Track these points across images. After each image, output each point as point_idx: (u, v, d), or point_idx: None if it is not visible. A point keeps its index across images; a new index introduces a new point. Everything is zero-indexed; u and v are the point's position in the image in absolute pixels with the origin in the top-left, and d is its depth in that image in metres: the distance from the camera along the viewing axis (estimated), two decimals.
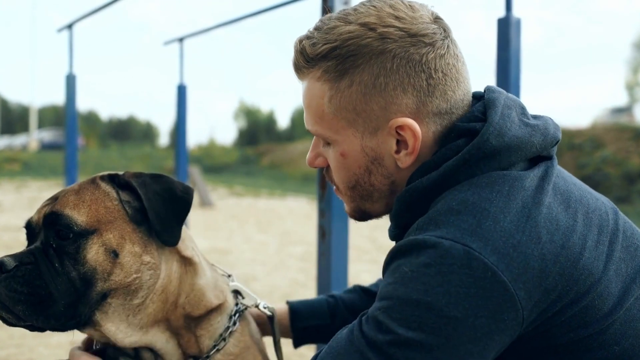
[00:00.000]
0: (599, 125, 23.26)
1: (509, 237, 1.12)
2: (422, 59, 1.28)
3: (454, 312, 1.07)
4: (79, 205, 1.49)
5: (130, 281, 1.48)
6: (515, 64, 3.04)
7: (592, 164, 18.62)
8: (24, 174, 28.16)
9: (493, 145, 1.24)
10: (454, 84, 1.32)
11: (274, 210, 16.08)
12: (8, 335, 4.77)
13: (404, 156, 1.32)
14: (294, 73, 1.43)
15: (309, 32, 1.37)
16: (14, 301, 1.41)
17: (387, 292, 1.16)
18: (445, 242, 1.11)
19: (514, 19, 3.05)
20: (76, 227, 1.45)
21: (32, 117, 51.74)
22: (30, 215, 1.57)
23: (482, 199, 1.17)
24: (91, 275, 1.45)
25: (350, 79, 1.30)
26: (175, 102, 7.46)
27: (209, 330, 1.63)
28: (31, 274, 1.43)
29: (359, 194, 1.41)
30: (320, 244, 3.10)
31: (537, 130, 1.30)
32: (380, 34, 1.28)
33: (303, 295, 6.28)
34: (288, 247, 9.92)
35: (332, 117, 1.34)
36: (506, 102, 1.33)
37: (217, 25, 6.28)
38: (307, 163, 1.50)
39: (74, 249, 1.45)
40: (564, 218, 1.20)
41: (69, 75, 6.61)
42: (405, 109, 1.29)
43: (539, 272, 1.12)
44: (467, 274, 1.08)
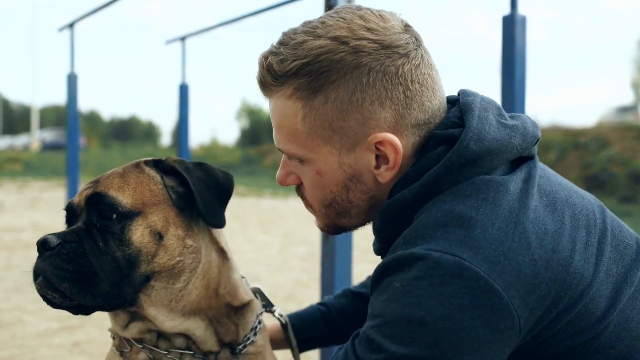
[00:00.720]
0: (605, 124, 23.22)
1: (499, 245, 1.10)
2: (398, 71, 1.25)
3: (448, 324, 1.05)
4: (123, 188, 1.52)
5: (173, 264, 1.52)
6: (520, 63, 3.03)
7: (597, 163, 18.57)
8: (26, 174, 28.20)
9: (473, 151, 1.21)
10: (430, 94, 1.29)
11: (277, 211, 16.08)
12: (10, 335, 4.78)
13: (385, 171, 1.29)
14: (259, 90, 1.37)
15: (273, 48, 1.31)
16: (60, 278, 1.43)
17: (379, 309, 1.14)
18: (434, 254, 1.09)
19: (519, 16, 3.04)
20: (121, 207, 1.49)
21: (34, 117, 51.82)
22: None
23: (468, 208, 1.15)
24: (135, 256, 1.48)
25: (325, 95, 1.26)
26: (177, 102, 7.47)
27: (244, 322, 1.67)
28: (75, 252, 1.45)
29: (335, 211, 1.38)
30: (324, 245, 3.10)
31: (516, 131, 1.28)
32: (353, 47, 1.24)
33: (306, 296, 6.28)
34: (291, 247, 9.92)
35: (307, 135, 1.30)
36: (482, 105, 1.31)
37: (219, 25, 6.29)
38: (278, 182, 1.45)
39: (118, 229, 1.48)
40: (551, 221, 1.18)
41: (70, 74, 6.62)
42: (383, 123, 1.26)
43: (532, 279, 1.10)
44: (460, 285, 1.06)
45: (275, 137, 1.37)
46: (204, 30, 6.86)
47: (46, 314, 5.39)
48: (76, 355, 4.38)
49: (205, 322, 1.60)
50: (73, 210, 1.56)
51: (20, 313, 5.43)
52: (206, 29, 6.78)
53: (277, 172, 1.44)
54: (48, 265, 1.43)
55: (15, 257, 8.32)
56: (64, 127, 8.58)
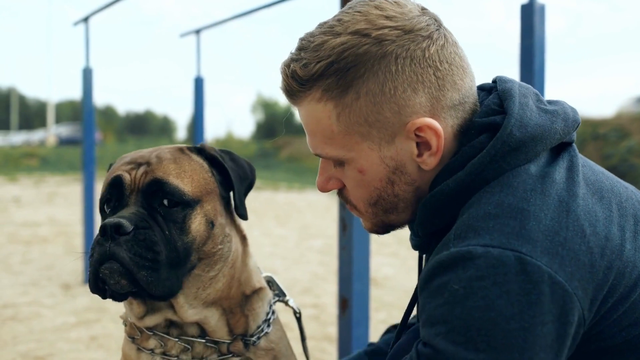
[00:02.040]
0: (624, 115, 22.98)
1: (555, 235, 1.08)
2: (424, 54, 1.23)
3: (520, 323, 1.03)
4: (181, 175, 1.51)
5: (215, 251, 1.54)
6: (539, 52, 2.99)
7: (617, 154, 18.41)
8: (42, 169, 28.39)
9: (517, 137, 1.19)
10: (461, 72, 1.28)
11: (293, 204, 16.09)
12: (28, 330, 4.81)
13: (428, 157, 1.27)
14: (286, 99, 1.35)
15: (293, 55, 1.30)
16: (138, 266, 1.40)
17: (441, 314, 1.09)
18: (493, 251, 1.06)
19: (538, 5, 3.00)
20: (185, 196, 1.48)
21: (50, 112, 52.17)
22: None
23: (518, 199, 1.13)
24: (190, 244, 1.48)
25: (356, 91, 1.24)
26: (192, 96, 7.47)
27: (254, 312, 1.67)
28: (151, 239, 1.42)
29: (382, 208, 1.35)
30: (341, 237, 3.09)
31: (557, 116, 1.26)
32: (375, 37, 1.22)
33: (323, 289, 6.28)
34: (308, 240, 9.92)
35: (344, 135, 1.28)
36: (521, 91, 1.29)
37: (233, 17, 6.28)
38: (319, 188, 1.42)
39: (181, 218, 1.47)
40: (600, 209, 1.16)
41: (85, 68, 6.63)
42: (419, 109, 1.24)
43: (590, 267, 1.08)
44: (525, 280, 1.04)
45: (311, 143, 1.35)
46: (218, 22, 6.86)
47: (63, 308, 5.42)
48: (93, 349, 4.40)
49: (219, 312, 1.60)
50: (122, 187, 1.51)
51: (37, 307, 5.46)
52: (221, 21, 6.77)
53: (317, 178, 1.42)
54: (124, 251, 1.39)
55: (32, 251, 8.37)
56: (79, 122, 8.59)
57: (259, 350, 1.65)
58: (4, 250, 8.52)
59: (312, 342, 4.53)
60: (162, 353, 1.59)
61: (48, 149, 36.23)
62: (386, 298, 5.91)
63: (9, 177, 23.41)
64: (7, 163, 29.75)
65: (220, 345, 1.61)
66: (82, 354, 4.31)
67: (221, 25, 6.85)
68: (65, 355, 4.30)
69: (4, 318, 5.15)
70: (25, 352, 4.31)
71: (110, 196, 1.53)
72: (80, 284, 6.35)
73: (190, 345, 1.59)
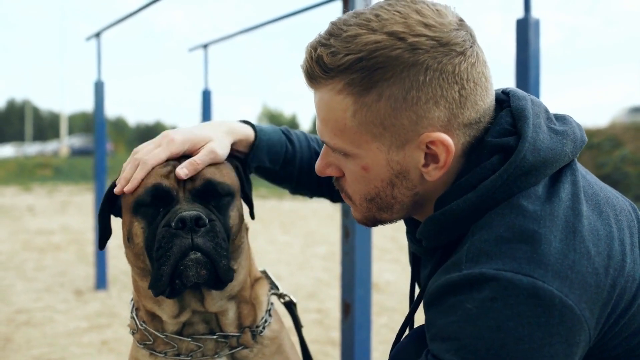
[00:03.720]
0: (618, 125, 22.94)
1: (564, 258, 1.07)
2: (455, 70, 1.17)
3: (529, 344, 1.03)
4: (222, 173, 1.56)
5: (239, 244, 1.59)
6: (534, 65, 3.00)
7: (610, 162, 18.38)
8: (56, 179, 28.43)
9: (530, 162, 1.17)
10: (484, 93, 1.23)
11: (298, 212, 16.08)
12: (41, 334, 4.81)
13: (433, 170, 1.24)
14: (305, 80, 1.31)
15: (322, 39, 1.23)
16: (220, 256, 1.43)
17: (453, 331, 1.09)
18: (506, 274, 1.05)
19: (533, 19, 3.01)
20: (230, 189, 1.54)
21: (63, 124, 52.35)
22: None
23: (528, 221, 1.11)
24: (228, 233, 1.51)
25: (378, 92, 1.19)
26: (200, 107, 7.48)
27: (258, 300, 1.69)
28: (221, 230, 1.46)
29: (377, 205, 1.34)
30: (344, 244, 3.09)
31: (567, 138, 1.23)
32: (410, 44, 1.16)
33: (327, 294, 6.27)
34: (312, 247, 9.91)
35: (355, 131, 1.24)
36: (534, 110, 1.25)
37: (240, 32, 6.29)
38: (317, 171, 1.39)
39: (225, 206, 1.52)
40: (601, 226, 1.15)
41: (97, 82, 6.65)
42: (436, 122, 1.19)
43: (595, 288, 1.08)
44: (536, 304, 1.03)
45: (320, 129, 1.32)
46: (225, 37, 6.87)
47: (75, 313, 5.43)
48: (105, 354, 4.40)
49: (236, 304, 1.62)
50: (166, 192, 1.49)
51: (50, 312, 5.46)
52: (228, 36, 6.78)
53: (317, 162, 1.39)
54: (209, 242, 1.41)
55: (46, 258, 8.38)
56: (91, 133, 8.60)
57: (265, 340, 1.65)
58: (18, 257, 8.53)
59: (315, 346, 4.52)
60: (175, 355, 1.58)
61: (61, 159, 36.27)
62: (387, 303, 5.89)
63: (24, 187, 23.45)
64: (22, 173, 29.81)
65: (231, 339, 1.60)
66: (94, 358, 4.31)
67: (228, 40, 6.86)
68: (77, 359, 4.30)
69: (18, 323, 5.15)
70: (38, 356, 4.31)
71: (150, 201, 1.50)
72: (92, 289, 6.36)
73: (202, 343, 1.58)
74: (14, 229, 11.70)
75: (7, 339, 4.75)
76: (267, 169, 1.76)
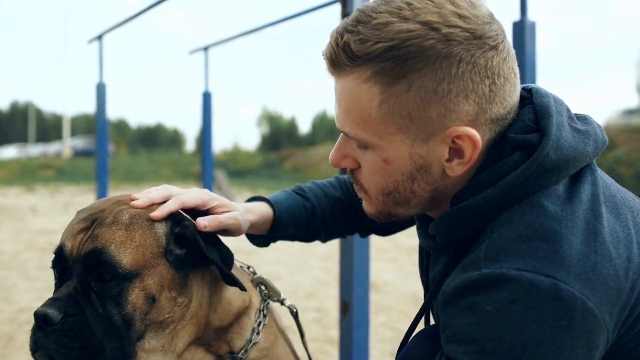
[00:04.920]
0: (612, 127, 22.97)
1: (586, 260, 1.04)
2: (487, 64, 1.13)
3: (550, 347, 1.00)
4: (126, 244, 1.37)
5: (162, 319, 1.41)
6: (530, 67, 3.00)
7: (605, 164, 18.38)
8: (58, 179, 28.40)
9: (552, 160, 1.13)
10: (512, 89, 1.19)
11: None
12: None
13: (457, 165, 1.19)
14: (327, 67, 1.24)
15: (349, 26, 1.17)
16: (65, 356, 1.31)
17: (471, 333, 1.05)
18: (527, 275, 1.01)
19: (529, 22, 3.01)
20: (121, 269, 1.34)
21: (65, 125, 52.29)
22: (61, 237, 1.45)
23: (550, 221, 1.07)
24: (131, 317, 1.36)
25: (408, 83, 1.13)
26: (201, 109, 7.48)
27: (239, 332, 1.56)
28: (79, 326, 1.32)
29: (394, 200, 1.27)
30: (342, 244, 3.08)
31: (589, 137, 1.20)
32: (444, 35, 1.11)
33: (326, 293, 6.26)
34: (311, 247, 9.89)
35: (380, 122, 1.18)
36: (557, 108, 1.22)
37: (240, 35, 6.29)
38: (331, 163, 1.32)
39: (116, 292, 1.35)
40: (620, 228, 1.12)
41: (99, 84, 6.65)
42: (464, 117, 1.15)
43: (616, 291, 1.05)
44: (558, 306, 1.00)
45: (341, 118, 1.24)
46: (225, 40, 6.88)
47: None
48: None
49: (195, 348, 1.52)
50: (64, 258, 1.41)
51: None
52: (228, 39, 6.79)
53: (331, 153, 1.33)
54: (51, 343, 1.31)
55: (48, 258, 8.35)
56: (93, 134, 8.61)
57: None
58: (21, 256, 8.51)
59: (314, 344, 4.51)
60: None
61: (63, 161, 36.26)
62: (385, 302, 5.89)
63: (27, 187, 23.42)
64: (25, 174, 29.79)
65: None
66: None
67: (228, 43, 6.87)
68: None
69: (21, 322, 5.14)
70: None
71: (55, 264, 1.44)
72: None
73: None
74: (16, 229, 11.68)
75: (10, 337, 4.74)
76: (292, 235, 1.76)
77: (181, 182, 28.61)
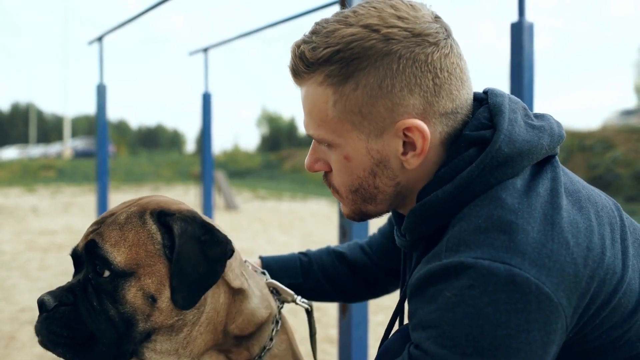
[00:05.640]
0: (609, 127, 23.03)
1: (542, 248, 1.07)
2: (427, 59, 1.20)
3: (507, 330, 1.02)
4: (119, 244, 1.37)
5: (172, 323, 1.39)
6: (528, 69, 3.00)
7: (602, 164, 18.42)
8: (59, 180, 28.43)
9: (505, 153, 1.18)
10: (459, 83, 1.25)
11: (296, 213, 16.07)
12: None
13: (412, 158, 1.25)
14: (292, 78, 1.34)
15: (305, 37, 1.28)
16: (53, 344, 1.34)
17: (431, 320, 1.09)
18: (484, 262, 1.05)
19: (527, 23, 3.01)
20: (113, 266, 1.35)
21: (66, 126, 52.32)
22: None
23: (507, 212, 1.12)
24: (131, 315, 1.36)
25: (356, 82, 1.22)
26: (201, 110, 7.49)
27: (259, 340, 1.56)
28: (70, 316, 1.35)
29: (361, 197, 1.34)
30: (341, 243, 3.09)
31: (543, 132, 1.25)
32: (384, 35, 1.19)
33: None
34: (310, 247, 9.81)
35: (337, 120, 1.26)
36: (511, 106, 1.27)
37: (240, 36, 6.30)
38: (306, 167, 1.41)
39: (112, 288, 1.35)
40: (580, 219, 1.16)
41: (99, 85, 6.66)
42: (412, 110, 1.22)
43: (574, 277, 1.08)
44: (513, 290, 1.03)
45: (306, 122, 1.34)
46: (225, 41, 6.88)
47: None
48: None
49: (215, 355, 1.50)
50: (77, 256, 1.44)
51: None
52: (227, 40, 6.79)
53: (306, 158, 1.40)
54: (44, 329, 1.35)
55: (49, 258, 8.38)
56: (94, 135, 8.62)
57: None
58: (22, 256, 8.52)
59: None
60: None
61: (64, 161, 36.29)
62: (384, 302, 5.88)
63: (28, 188, 23.44)
64: (26, 174, 29.82)
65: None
66: None
67: (228, 44, 6.88)
68: None
69: (22, 321, 5.15)
70: (41, 354, 4.29)
71: (74, 264, 1.48)
72: None
73: None
74: (18, 229, 11.69)
75: (11, 337, 4.74)
76: (291, 286, 1.80)
77: (181, 183, 28.64)
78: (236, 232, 11.38)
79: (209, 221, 1.48)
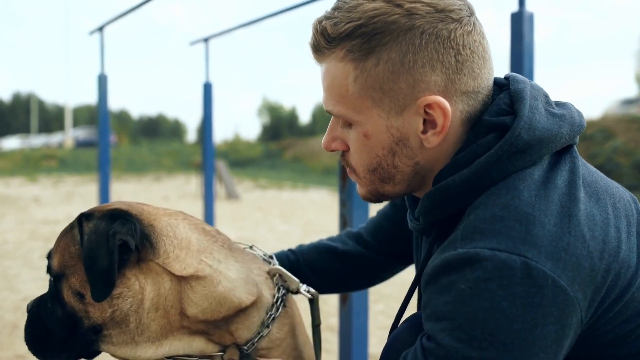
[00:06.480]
0: (610, 117, 22.97)
1: (558, 240, 1.06)
2: (450, 35, 1.18)
3: (523, 324, 1.01)
4: (56, 250, 1.50)
5: (109, 315, 1.42)
6: (528, 58, 2.99)
7: (603, 154, 18.41)
8: (61, 170, 28.45)
9: (525, 140, 1.16)
10: (481, 62, 1.22)
11: (297, 202, 16.08)
12: None
13: (432, 136, 1.22)
14: (312, 54, 1.32)
15: (327, 13, 1.25)
16: (27, 342, 1.52)
17: (447, 311, 1.07)
18: (500, 255, 1.04)
19: (527, 13, 3.00)
20: (52, 270, 1.48)
21: (67, 116, 52.26)
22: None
23: (524, 203, 1.10)
24: (71, 314, 1.44)
25: (377, 57, 1.19)
26: (202, 100, 7.47)
27: (245, 324, 1.52)
28: (33, 317, 1.52)
29: (379, 176, 1.31)
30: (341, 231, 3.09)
31: (564, 120, 1.22)
32: (407, 10, 1.17)
33: None
34: (311, 236, 9.92)
35: (357, 96, 1.24)
36: (532, 93, 1.25)
37: (240, 26, 6.27)
38: (323, 146, 1.39)
39: (55, 290, 1.47)
40: (597, 212, 1.14)
41: (100, 75, 6.64)
42: (433, 87, 1.19)
43: (589, 271, 1.06)
44: (529, 284, 1.02)
45: (325, 98, 1.32)
46: (226, 31, 6.85)
47: None
48: None
49: (188, 338, 1.49)
50: None
51: None
52: (228, 30, 6.77)
53: (323, 138, 1.39)
54: (28, 327, 1.52)
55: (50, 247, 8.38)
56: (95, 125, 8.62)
57: (261, 350, 1.54)
58: (25, 246, 8.54)
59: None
60: None
61: (66, 151, 36.27)
62: (384, 290, 5.90)
63: (30, 178, 23.46)
64: (28, 164, 29.83)
65: (215, 358, 1.51)
66: None
67: (229, 34, 6.85)
68: None
69: (25, 310, 5.16)
70: None
71: None
72: None
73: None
74: (20, 218, 11.71)
75: (14, 326, 4.76)
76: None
77: (182, 172, 28.64)
78: (237, 221, 11.36)
79: (142, 216, 1.47)
